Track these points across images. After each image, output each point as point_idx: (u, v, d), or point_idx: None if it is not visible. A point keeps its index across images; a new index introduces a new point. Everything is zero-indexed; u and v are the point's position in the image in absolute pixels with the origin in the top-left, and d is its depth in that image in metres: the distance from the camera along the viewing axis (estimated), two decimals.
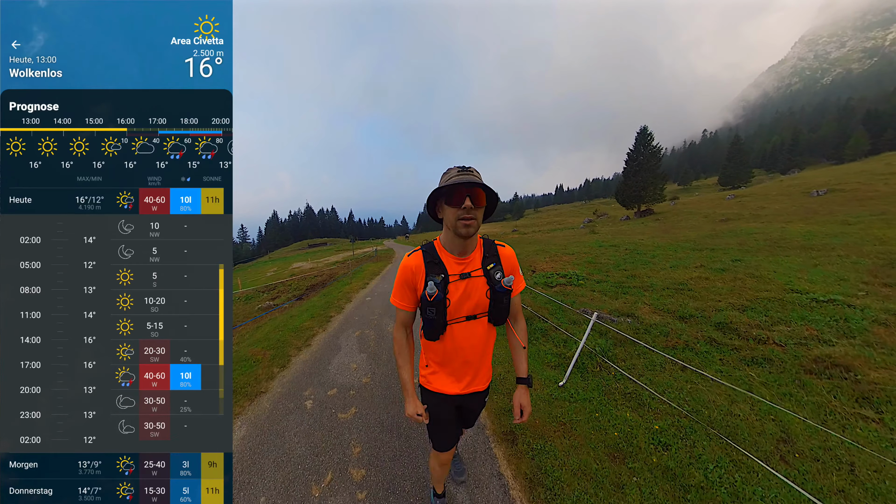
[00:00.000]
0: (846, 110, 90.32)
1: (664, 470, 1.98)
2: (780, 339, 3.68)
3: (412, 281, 1.28)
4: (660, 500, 1.80)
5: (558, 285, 7.13)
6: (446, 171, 1.25)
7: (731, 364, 3.30)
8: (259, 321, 8.27)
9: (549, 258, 10.64)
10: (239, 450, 2.41)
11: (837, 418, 2.42)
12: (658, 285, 6.21)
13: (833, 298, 4.67)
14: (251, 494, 1.98)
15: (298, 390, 3.38)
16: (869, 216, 12.47)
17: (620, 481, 1.92)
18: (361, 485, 2.01)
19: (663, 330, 4.15)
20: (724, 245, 10.06)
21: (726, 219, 18.74)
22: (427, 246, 1.32)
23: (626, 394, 2.84)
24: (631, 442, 2.24)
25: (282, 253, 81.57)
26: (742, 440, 2.20)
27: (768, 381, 2.94)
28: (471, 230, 1.17)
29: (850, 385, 2.76)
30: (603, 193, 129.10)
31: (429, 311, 1.25)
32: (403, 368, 1.36)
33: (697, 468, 1.99)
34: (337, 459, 2.25)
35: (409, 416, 1.34)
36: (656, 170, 35.56)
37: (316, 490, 1.99)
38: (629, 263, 8.66)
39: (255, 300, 13.74)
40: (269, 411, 2.99)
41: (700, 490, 1.83)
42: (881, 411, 2.43)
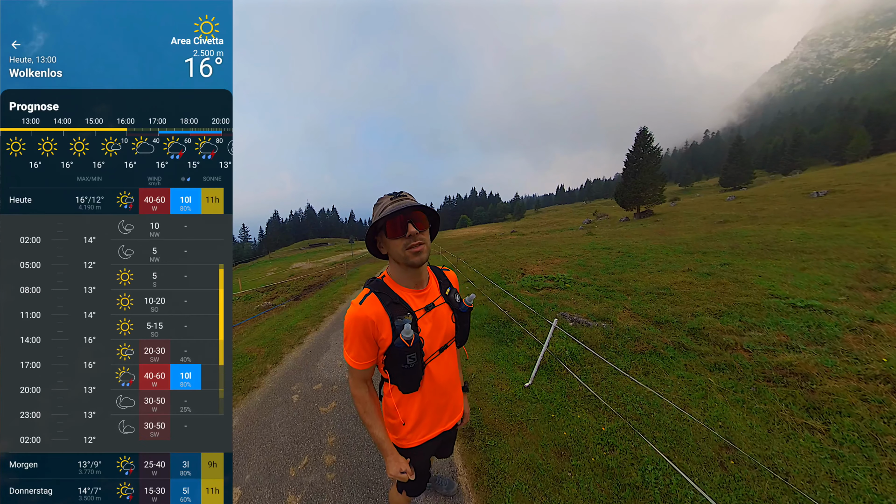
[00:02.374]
0: (848, 111, 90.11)
1: (605, 469, 2.11)
2: (748, 345, 3.66)
3: (372, 332, 1.07)
4: (595, 495, 1.92)
5: (545, 288, 7.10)
6: (377, 203, 1.14)
7: (693, 370, 3.31)
8: (257, 320, 8.60)
9: (541, 261, 10.62)
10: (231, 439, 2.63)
11: (784, 427, 2.41)
12: (641, 290, 6.20)
13: (811, 304, 4.59)
14: (238, 473, 2.37)
15: (287, 385, 3.70)
16: (867, 218, 12.43)
17: (561, 476, 2.08)
18: (332, 468, 2.33)
19: (634, 335, 4.16)
20: (716, 248, 9.99)
21: (724, 220, 18.68)
22: (378, 286, 1.13)
23: (585, 396, 2.92)
24: (580, 441, 2.37)
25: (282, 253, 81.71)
26: (686, 445, 2.26)
27: (725, 387, 2.96)
28: (423, 256, 1.07)
29: (805, 394, 2.76)
30: (604, 194, 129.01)
31: (408, 360, 1.09)
32: (374, 427, 1.19)
33: (637, 469, 2.08)
34: (314, 447, 2.59)
35: (392, 477, 1.18)
36: (656, 171, 35.52)
37: (293, 471, 2.34)
38: (618, 267, 8.64)
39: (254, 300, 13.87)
40: (259, 405, 3.30)
41: (635, 489, 1.93)
42: (828, 422, 2.42)
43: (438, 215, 1.18)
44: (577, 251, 12.27)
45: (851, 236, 9.56)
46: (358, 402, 1.19)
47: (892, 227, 10.22)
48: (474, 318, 5.29)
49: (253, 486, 2.22)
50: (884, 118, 71.28)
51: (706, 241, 11.63)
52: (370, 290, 1.11)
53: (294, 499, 2.10)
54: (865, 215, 13.08)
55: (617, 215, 42.45)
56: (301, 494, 2.12)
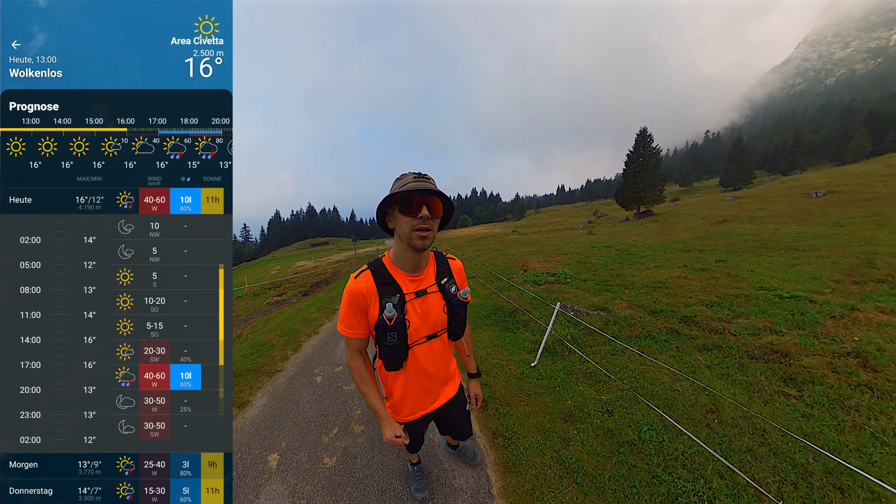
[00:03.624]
0: (849, 111, 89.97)
1: (605, 430, 2.38)
2: (735, 330, 3.95)
3: (363, 305, 1.14)
4: (598, 451, 2.19)
5: (546, 283, 7.42)
6: (400, 177, 1.14)
7: (684, 350, 3.65)
8: (269, 314, 9.01)
9: (543, 258, 10.92)
10: (261, 414, 2.97)
11: (763, 395, 2.75)
12: (638, 283, 6.49)
13: (797, 295, 4.87)
14: (274, 441, 2.56)
15: (310, 368, 3.93)
16: (862, 217, 12.46)
17: (568, 437, 2.35)
18: (361, 435, 2.57)
19: (631, 322, 4.50)
20: (713, 246, 10.20)
21: (723, 220, 18.67)
22: (375, 264, 1.19)
23: (587, 373, 3.24)
24: (582, 409, 2.65)
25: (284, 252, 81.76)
26: (676, 409, 2.56)
27: (712, 364, 3.29)
28: (426, 242, 1.08)
29: (783, 368, 3.08)
30: (605, 194, 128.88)
31: (389, 338, 1.14)
32: (370, 395, 1.25)
33: (633, 430, 2.36)
34: (342, 419, 2.81)
35: (388, 441, 1.25)
36: (656, 171, 35.46)
37: (325, 438, 2.56)
38: (617, 263, 8.89)
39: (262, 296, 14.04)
40: (284, 385, 3.52)
41: (632, 445, 2.21)
42: (802, 390, 2.76)
43: (454, 206, 1.17)
44: (578, 249, 12.48)
45: (845, 235, 9.65)
46: (354, 371, 1.26)
47: (885, 226, 10.28)
48: (480, 310, 5.46)
49: (289, 452, 2.43)
50: (884, 119, 71.21)
51: (703, 240, 11.74)
52: (367, 267, 1.18)
53: (329, 460, 2.31)
54: (861, 215, 13.12)
55: (617, 215, 42.44)
56: (336, 457, 2.34)
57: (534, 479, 1.99)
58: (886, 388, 2.66)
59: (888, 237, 8.80)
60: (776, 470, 1.92)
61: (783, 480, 1.86)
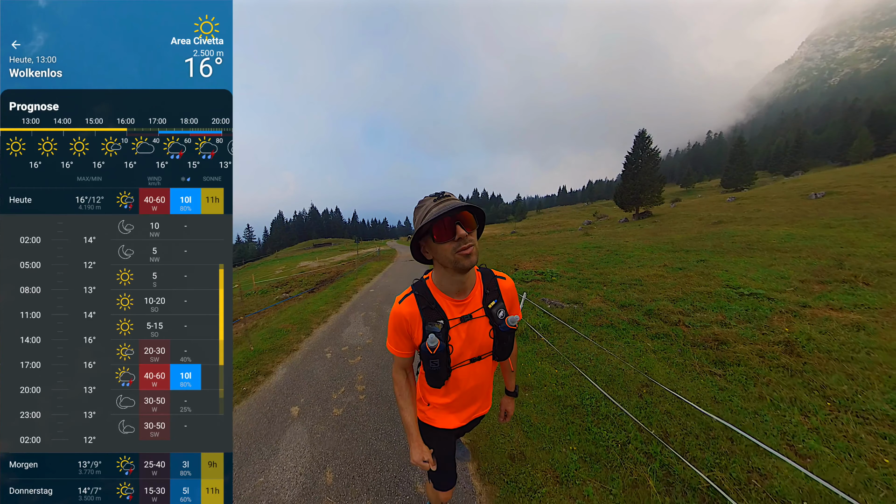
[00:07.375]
0: (852, 111, 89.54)
1: (555, 397, 2.96)
2: (689, 322, 4.41)
3: (407, 330, 1.14)
4: (545, 411, 2.77)
5: (533, 280, 7.94)
6: (420, 205, 1.10)
7: (638, 338, 4.14)
8: (279, 307, 9.73)
9: (535, 258, 11.41)
10: (283, 380, 3.76)
11: (693, 373, 3.25)
12: (616, 281, 6.97)
13: (756, 293, 5.25)
14: (295, 398, 3.33)
15: (320, 348, 4.79)
16: (852, 219, 12.42)
17: (523, 401, 2.92)
18: (362, 393, 3.34)
19: (598, 313, 5.04)
20: (699, 247, 10.46)
21: (719, 221, 18.60)
22: (419, 287, 1.15)
23: (550, 354, 3.84)
24: (540, 381, 3.23)
25: (288, 252, 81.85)
26: (617, 383, 3.10)
27: (658, 350, 3.81)
28: (473, 258, 1.03)
29: (717, 353, 3.56)
30: (606, 195, 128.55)
31: (431, 364, 1.13)
32: (406, 410, 1.25)
33: (577, 397, 2.92)
34: (347, 382, 3.61)
35: (414, 463, 1.22)
36: (654, 172, 35.44)
37: (335, 395, 3.35)
38: (603, 263, 9.39)
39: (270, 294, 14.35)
40: (300, 361, 4.33)
41: (574, 408, 2.79)
42: (726, 370, 3.26)
43: (484, 213, 1.12)
44: (570, 250, 12.89)
45: (831, 237, 9.72)
46: (396, 384, 1.29)
47: (871, 229, 10.28)
48: None
49: (307, 405, 3.18)
50: (887, 119, 70.81)
51: (693, 241, 11.90)
52: (412, 291, 1.16)
53: (338, 410, 3.05)
54: (853, 217, 13.06)
55: (617, 216, 42.37)
56: (343, 408, 3.08)
57: (489, 428, 2.56)
58: (798, 368, 3.15)
59: (870, 239, 8.86)
60: (684, 426, 2.46)
61: (687, 433, 2.39)
